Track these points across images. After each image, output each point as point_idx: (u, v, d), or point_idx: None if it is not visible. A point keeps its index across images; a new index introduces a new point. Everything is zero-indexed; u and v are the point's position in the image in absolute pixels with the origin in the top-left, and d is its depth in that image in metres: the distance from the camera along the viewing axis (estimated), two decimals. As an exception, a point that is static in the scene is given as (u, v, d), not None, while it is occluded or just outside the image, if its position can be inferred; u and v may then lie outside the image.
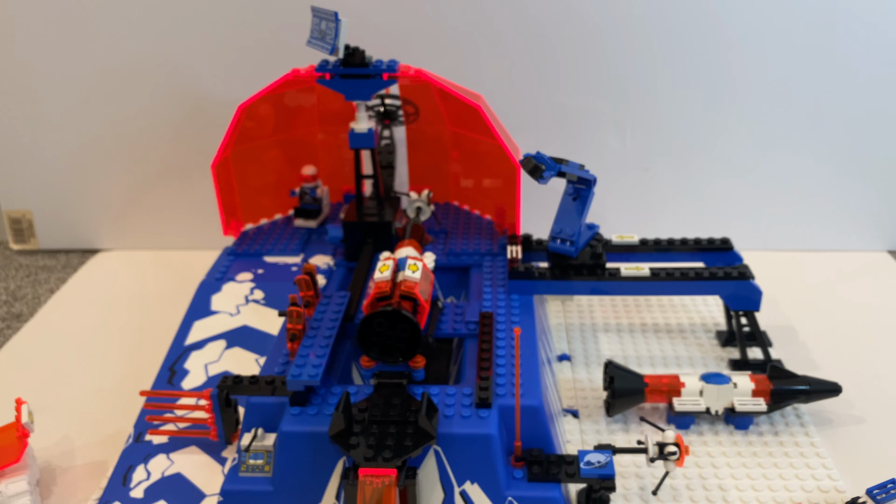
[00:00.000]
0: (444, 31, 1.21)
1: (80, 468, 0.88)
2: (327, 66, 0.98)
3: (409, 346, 0.78)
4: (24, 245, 1.41)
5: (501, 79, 1.23)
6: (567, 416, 0.94)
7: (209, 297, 1.04)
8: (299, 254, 1.12)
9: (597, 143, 1.28)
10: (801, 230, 1.33)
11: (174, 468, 0.84)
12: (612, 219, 1.31)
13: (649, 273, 0.97)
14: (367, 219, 1.05)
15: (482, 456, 0.74)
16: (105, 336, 1.14)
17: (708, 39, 1.21)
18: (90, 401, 0.99)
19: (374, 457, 0.69)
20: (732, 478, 0.84)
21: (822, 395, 0.91)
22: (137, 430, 0.89)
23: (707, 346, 1.07)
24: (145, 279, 1.30)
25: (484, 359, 0.83)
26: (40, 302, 1.25)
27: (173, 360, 0.96)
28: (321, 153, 1.23)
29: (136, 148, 1.31)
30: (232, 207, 1.16)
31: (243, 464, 0.78)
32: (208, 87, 1.25)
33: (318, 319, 0.87)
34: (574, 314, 1.15)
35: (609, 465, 0.76)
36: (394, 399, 0.76)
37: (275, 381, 0.81)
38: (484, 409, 0.77)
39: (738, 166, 1.29)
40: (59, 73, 1.26)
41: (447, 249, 1.08)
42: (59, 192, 1.36)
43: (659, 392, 0.91)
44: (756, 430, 0.91)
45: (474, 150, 1.15)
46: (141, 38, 1.23)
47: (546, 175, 0.84)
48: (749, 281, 0.97)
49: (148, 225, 1.38)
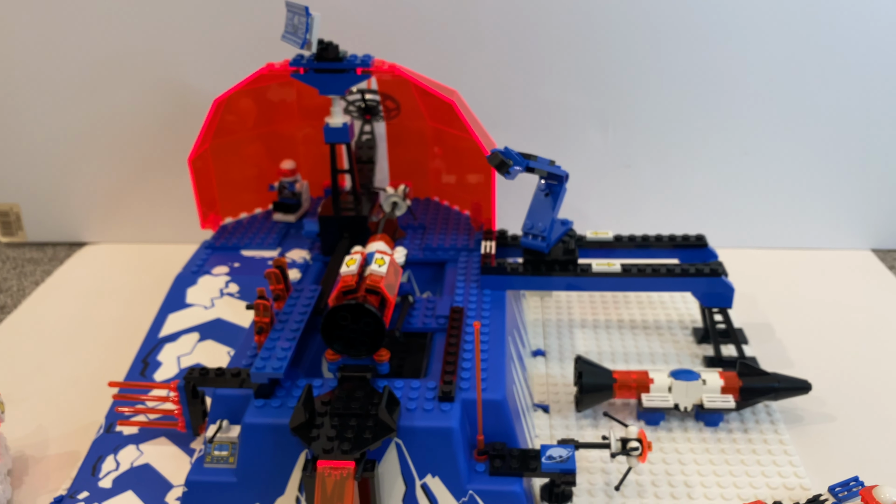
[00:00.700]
0: (425, 27, 1.21)
1: (53, 458, 0.89)
2: (301, 61, 0.98)
3: (372, 339, 0.79)
4: (12, 238, 1.42)
5: (482, 75, 1.23)
6: (538, 411, 0.94)
7: (185, 290, 1.04)
8: (276, 248, 1.12)
9: (578, 140, 1.28)
10: (784, 228, 1.32)
11: (143, 459, 0.85)
12: (592, 215, 1.31)
13: (620, 269, 0.97)
14: (343, 213, 1.05)
15: (443, 449, 0.75)
16: (85, 328, 1.15)
17: (691, 36, 1.20)
18: (66, 392, 1.00)
19: (332, 449, 0.70)
20: (699, 474, 0.84)
21: (791, 393, 0.90)
22: (109, 420, 0.90)
23: (683, 344, 1.07)
24: (129, 272, 1.31)
25: (450, 353, 0.84)
26: (25, 294, 1.26)
27: (147, 352, 0.97)
28: (302, 148, 1.23)
29: (123, 142, 1.32)
30: (210, 201, 1.17)
31: (208, 455, 0.79)
32: (194, 81, 1.26)
33: (287, 313, 0.87)
34: (552, 310, 1.16)
35: (571, 459, 0.76)
36: (357, 392, 0.77)
37: (241, 374, 0.81)
38: (447, 402, 0.77)
39: (721, 164, 1.29)
40: (46, 67, 1.27)
41: (424, 244, 1.09)
42: (46, 186, 1.37)
43: (627, 388, 0.91)
44: (726, 428, 0.91)
45: (453, 145, 1.16)
46: (127, 32, 1.24)
47: (512, 170, 0.85)
48: (721, 277, 0.97)
49: (135, 219, 1.39)
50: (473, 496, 0.75)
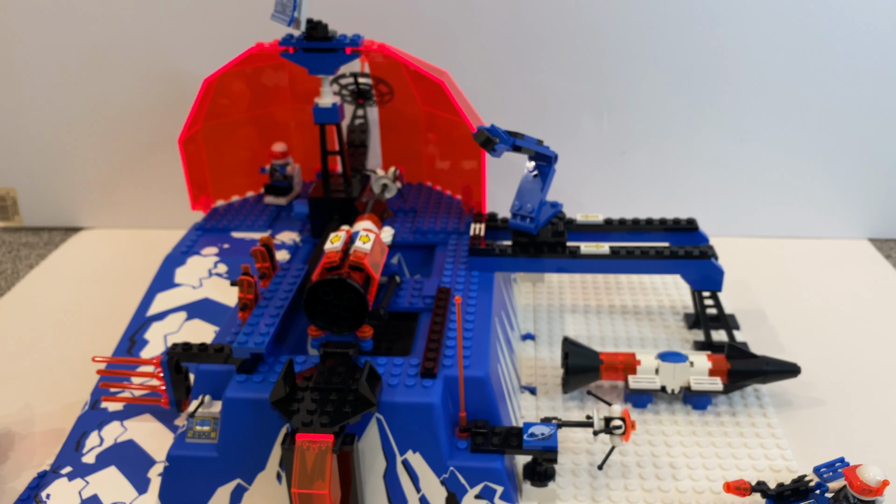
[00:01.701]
0: (420, 9, 1.21)
1: (38, 435, 0.89)
2: (291, 40, 0.98)
3: (355, 315, 0.78)
4: (9, 222, 1.43)
5: (478, 60, 1.23)
6: (525, 392, 0.93)
7: (173, 269, 1.04)
8: (267, 230, 1.12)
9: (573, 126, 1.27)
10: (780, 217, 1.32)
11: (127, 435, 0.85)
12: (586, 202, 1.30)
13: (609, 251, 0.96)
14: (333, 195, 1.05)
15: (424, 425, 0.74)
16: (76, 310, 1.15)
17: (686, 23, 1.20)
18: (54, 371, 1.00)
19: (311, 422, 0.70)
20: (684, 456, 0.84)
21: (780, 376, 0.90)
22: (94, 397, 0.90)
23: (674, 328, 1.06)
24: (123, 257, 1.31)
25: (435, 331, 0.83)
26: (19, 277, 1.26)
27: (134, 331, 0.97)
28: (294, 131, 1.23)
29: (118, 128, 1.32)
30: (201, 183, 1.17)
31: (190, 430, 0.78)
32: (187, 65, 1.26)
33: (273, 290, 0.87)
34: (543, 295, 1.15)
35: (552, 437, 0.76)
36: (339, 368, 0.76)
37: (224, 349, 0.81)
38: (428, 378, 0.77)
39: (716, 152, 1.28)
40: (41, 53, 1.28)
41: (414, 228, 1.08)
42: (42, 171, 1.37)
43: (614, 369, 0.90)
44: (714, 411, 0.90)
45: (445, 130, 1.15)
46: (120, 17, 1.24)
47: (498, 147, 0.84)
48: (710, 260, 0.96)
49: (130, 203, 1.39)
50: (454, 472, 0.75)
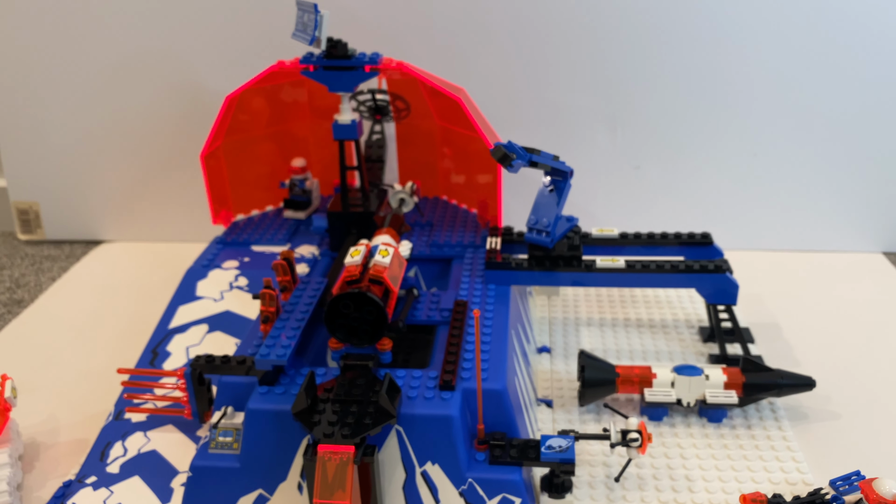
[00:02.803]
0: (435, 27, 1.23)
1: (63, 445, 0.91)
2: (311, 58, 1.00)
3: (374, 328, 0.80)
4: (31, 235, 1.45)
5: (492, 75, 1.25)
6: (541, 405, 0.94)
7: (195, 283, 1.06)
8: (286, 243, 1.14)
9: (587, 141, 1.29)
10: (794, 231, 1.32)
11: (150, 445, 0.86)
12: (601, 216, 1.31)
13: (624, 265, 0.97)
14: (352, 209, 1.07)
15: (443, 437, 0.75)
16: (98, 322, 1.17)
17: (700, 37, 1.21)
18: (77, 382, 1.02)
19: (333, 434, 0.71)
20: (700, 468, 0.84)
21: (795, 389, 0.90)
22: (118, 408, 0.91)
23: (689, 342, 1.07)
24: (144, 269, 1.34)
25: (453, 344, 0.84)
26: (42, 289, 1.29)
27: (156, 343, 0.98)
28: (313, 146, 1.25)
29: (139, 142, 1.35)
30: (222, 197, 1.19)
31: (213, 441, 0.80)
32: (208, 81, 1.28)
33: (293, 303, 0.89)
34: (559, 308, 1.16)
35: (570, 450, 0.77)
36: (359, 380, 0.78)
37: (246, 361, 0.83)
38: (447, 391, 0.78)
39: (730, 165, 1.29)
40: (64, 70, 1.30)
41: (431, 241, 1.10)
42: (65, 185, 1.40)
43: (630, 382, 0.91)
44: (729, 423, 0.91)
45: (461, 144, 1.17)
46: (144, 33, 1.27)
47: (515, 164, 0.85)
48: (725, 274, 0.97)
49: (150, 217, 1.41)
50: (473, 484, 0.76)
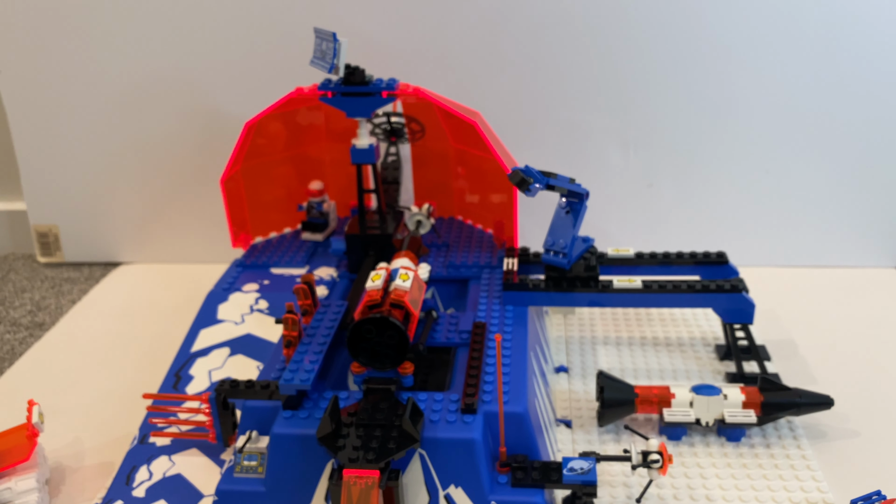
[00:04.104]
0: (447, 49, 1.24)
1: (89, 468, 0.92)
2: (329, 85, 1.02)
3: (396, 352, 0.81)
4: (51, 258, 1.47)
5: (504, 96, 1.26)
6: (560, 426, 0.95)
7: (216, 306, 1.08)
8: (305, 266, 1.15)
9: (600, 159, 1.30)
10: (807, 246, 1.33)
11: (175, 469, 0.87)
12: (614, 234, 1.32)
13: (641, 285, 0.98)
14: (369, 232, 1.08)
15: (466, 460, 0.76)
16: (119, 344, 1.18)
17: (711, 55, 1.22)
18: (101, 405, 1.03)
19: (358, 458, 0.72)
20: (720, 488, 0.85)
21: (813, 408, 0.91)
22: (142, 432, 0.92)
23: (705, 360, 1.08)
24: (163, 291, 1.35)
25: (473, 367, 0.85)
26: (62, 312, 1.30)
27: (179, 366, 1.00)
28: (329, 169, 1.27)
29: (157, 166, 1.37)
30: (241, 221, 1.20)
31: (238, 465, 0.81)
32: (225, 106, 1.30)
33: (315, 327, 0.90)
34: (575, 328, 1.17)
35: (592, 471, 0.77)
36: (381, 404, 0.79)
37: (270, 386, 0.84)
38: (469, 414, 0.79)
39: (743, 182, 1.30)
40: (83, 93, 1.32)
41: (447, 262, 1.11)
42: (83, 208, 1.42)
43: (649, 403, 0.92)
44: (748, 443, 0.91)
45: (476, 166, 1.18)
46: (161, 58, 1.29)
47: (533, 188, 0.87)
48: (742, 294, 0.98)
49: (168, 239, 1.43)
50: (496, 507, 0.76)
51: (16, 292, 1.38)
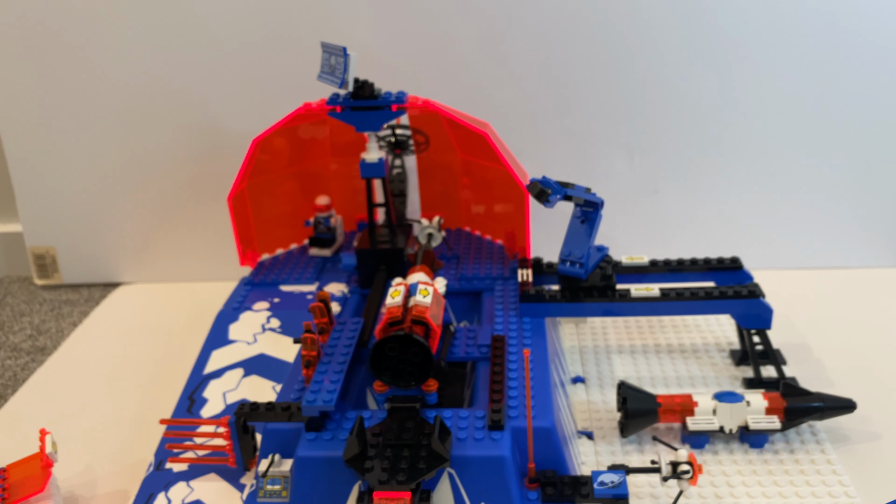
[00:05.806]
0: (453, 59, 1.23)
1: (103, 497, 0.90)
2: (338, 100, 1.00)
3: (420, 369, 0.79)
4: (48, 280, 1.44)
5: (510, 105, 1.25)
6: (582, 437, 0.94)
7: (227, 326, 1.06)
8: (314, 282, 1.14)
9: (606, 167, 1.30)
10: (815, 248, 1.33)
11: (194, 495, 0.85)
12: (622, 241, 1.32)
13: (659, 294, 0.97)
14: (379, 246, 1.07)
15: (495, 478, 0.75)
16: (126, 367, 1.16)
17: (716, 59, 1.22)
18: (111, 430, 1.01)
19: (388, 480, 0.70)
20: (748, 496, 0.84)
21: (836, 412, 0.90)
22: (158, 458, 0.90)
23: (721, 366, 1.07)
24: (165, 311, 1.33)
25: (496, 381, 0.84)
26: (63, 335, 1.28)
27: (192, 389, 0.98)
28: (335, 183, 1.26)
29: (155, 183, 1.35)
30: (248, 238, 1.19)
31: (261, 489, 0.79)
32: (224, 121, 1.29)
33: (333, 346, 0.89)
34: (588, 336, 1.16)
35: (622, 485, 0.76)
36: (407, 423, 0.78)
37: (291, 408, 0.82)
38: (496, 431, 0.78)
39: (749, 185, 1.30)
40: (80, 112, 1.30)
41: (459, 274, 1.10)
42: (80, 229, 1.39)
43: (672, 412, 0.91)
44: (771, 448, 0.91)
45: (484, 176, 1.17)
46: (158, 74, 1.27)
47: (552, 199, 0.86)
48: (759, 299, 0.97)
49: (168, 258, 1.41)
50: (527, 524, 0.75)
51: (14, 316, 1.35)
